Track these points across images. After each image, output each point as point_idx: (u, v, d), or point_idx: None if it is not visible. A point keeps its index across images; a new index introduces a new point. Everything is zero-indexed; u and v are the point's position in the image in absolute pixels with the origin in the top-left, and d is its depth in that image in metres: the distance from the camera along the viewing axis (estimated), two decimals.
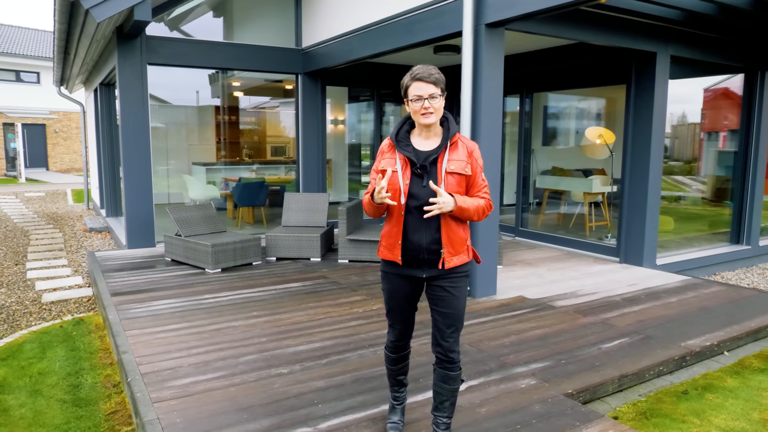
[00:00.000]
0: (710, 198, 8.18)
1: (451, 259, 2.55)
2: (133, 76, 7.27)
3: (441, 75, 2.53)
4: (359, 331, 4.39)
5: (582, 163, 8.19)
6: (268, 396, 3.28)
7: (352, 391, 3.34)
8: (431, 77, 2.47)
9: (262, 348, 4.03)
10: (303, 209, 7.51)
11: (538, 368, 3.71)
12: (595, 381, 3.54)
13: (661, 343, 4.20)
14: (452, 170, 2.52)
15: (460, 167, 2.53)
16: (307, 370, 3.65)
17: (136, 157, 7.41)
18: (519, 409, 3.16)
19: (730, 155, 8.05)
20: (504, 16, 4.85)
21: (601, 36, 5.76)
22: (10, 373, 4.15)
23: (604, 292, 5.59)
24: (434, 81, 2.47)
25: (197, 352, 3.93)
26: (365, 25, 6.73)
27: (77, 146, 25.59)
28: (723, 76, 7.71)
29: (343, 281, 5.90)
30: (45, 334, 5.03)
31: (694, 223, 7.93)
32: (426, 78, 2.47)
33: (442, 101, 2.52)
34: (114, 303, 5.07)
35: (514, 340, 4.24)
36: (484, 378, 3.56)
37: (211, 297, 5.31)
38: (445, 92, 2.53)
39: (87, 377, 4.08)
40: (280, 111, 9.77)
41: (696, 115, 7.68)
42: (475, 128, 5.16)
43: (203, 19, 8.54)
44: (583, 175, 8.58)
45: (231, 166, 9.14)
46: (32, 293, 6.43)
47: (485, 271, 5.37)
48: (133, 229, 7.50)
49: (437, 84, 2.48)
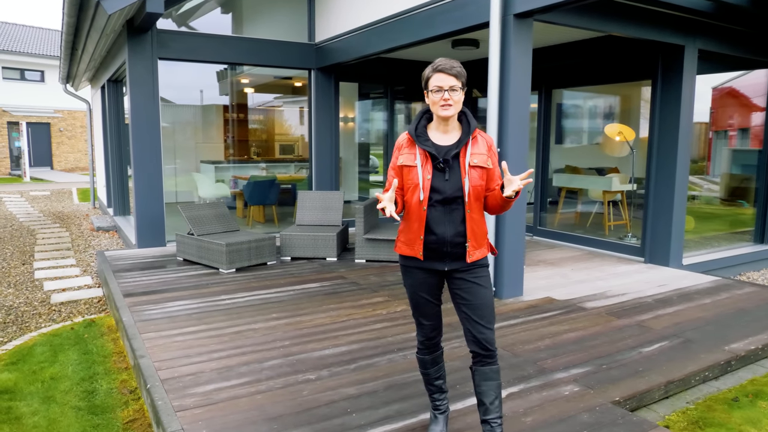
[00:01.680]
0: (723, 197, 7.98)
1: (474, 252, 2.57)
2: (143, 72, 7.09)
3: (463, 69, 2.54)
4: (385, 334, 4.19)
5: (595, 161, 8.03)
6: (298, 404, 3.08)
7: (387, 399, 3.15)
8: (453, 69, 2.49)
9: (286, 352, 3.83)
10: (317, 208, 7.32)
11: (580, 374, 3.52)
12: (642, 388, 3.35)
13: (704, 347, 3.99)
14: (475, 164, 2.54)
15: (482, 161, 2.56)
16: (335, 375, 3.46)
17: (147, 154, 7.22)
18: (566, 418, 2.96)
19: (743, 154, 7.85)
20: (534, 6, 4.65)
21: (630, 28, 5.56)
22: (22, 378, 3.96)
23: (634, 293, 5.39)
24: (455, 74, 2.48)
25: (218, 357, 3.74)
26: (383, 18, 6.54)
27: (82, 145, 25.44)
28: (732, 74, 7.50)
29: (363, 282, 5.70)
30: (56, 337, 4.84)
31: (709, 222, 7.73)
32: (448, 70, 2.48)
33: (461, 95, 2.52)
34: (127, 304, 4.88)
35: (549, 343, 4.04)
36: (523, 384, 3.36)
37: (227, 298, 5.12)
38: (465, 87, 2.54)
39: (102, 382, 3.89)
40: (288, 108, 9.60)
41: (704, 114, 7.47)
42: (502, 124, 4.97)
43: (212, 15, 8.36)
44: (597, 174, 8.41)
45: (240, 164, 8.96)
46: (41, 294, 6.25)
47: (512, 271, 5.17)
48: (144, 228, 7.32)
49: (458, 77, 2.49)
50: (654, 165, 6.51)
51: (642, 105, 7.56)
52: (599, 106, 8.03)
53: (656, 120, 6.46)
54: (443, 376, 2.80)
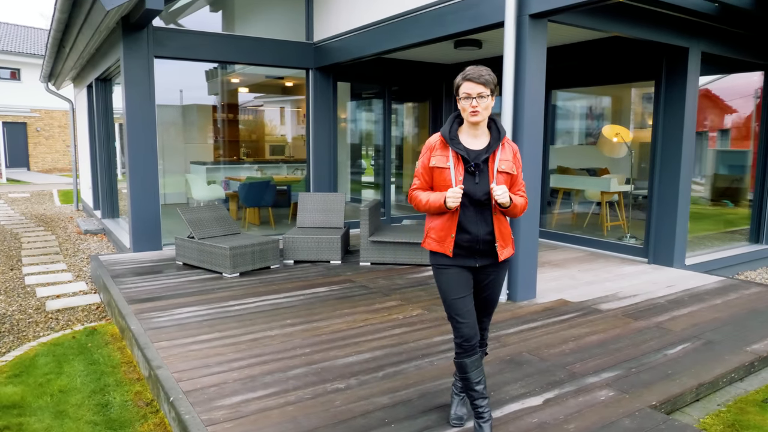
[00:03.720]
0: (708, 198, 8.07)
1: (502, 251, 2.75)
2: (139, 70, 6.88)
3: (492, 76, 2.64)
4: (406, 340, 4.10)
5: (585, 162, 8.09)
6: (332, 416, 2.98)
7: (423, 408, 3.06)
8: (481, 78, 2.60)
9: (308, 360, 3.72)
10: (318, 210, 7.19)
11: (611, 378, 3.47)
12: (675, 391, 3.32)
13: (726, 349, 3.99)
14: (503, 169, 2.70)
15: (509, 167, 2.72)
16: (364, 384, 3.36)
17: (143, 155, 7.01)
18: (608, 424, 2.91)
19: (728, 155, 7.94)
20: (550, 7, 4.61)
21: (639, 30, 5.56)
22: (29, 392, 3.77)
23: (645, 294, 5.39)
24: (483, 82, 2.60)
25: (239, 366, 3.61)
26: (390, 16, 6.44)
27: (60, 146, 24.79)
28: (709, 78, 7.59)
29: (372, 285, 5.60)
30: (57, 346, 4.64)
31: (698, 222, 7.81)
32: (476, 78, 2.60)
33: (490, 101, 2.64)
34: (133, 311, 4.71)
35: (574, 347, 4.00)
36: (558, 390, 3.30)
37: (236, 304, 4.97)
38: (494, 94, 2.65)
39: (115, 395, 3.72)
40: (276, 109, 9.46)
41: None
42: (517, 125, 4.92)
43: (202, 13, 8.14)
44: (588, 174, 8.48)
45: (230, 165, 8.79)
46: (34, 300, 6.01)
47: (526, 274, 5.13)
48: (139, 231, 7.10)
49: (486, 84, 2.60)
50: (658, 165, 6.53)
51: (632, 106, 7.67)
52: (588, 107, 8.12)
53: (660, 121, 6.48)
54: (483, 381, 2.75)
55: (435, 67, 9.25)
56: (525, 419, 2.95)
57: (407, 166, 10.15)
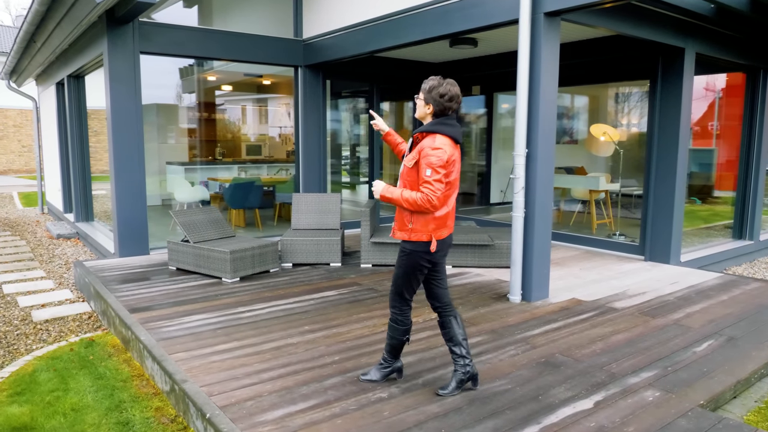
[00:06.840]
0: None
1: (395, 232, 3.29)
2: (125, 67, 6.53)
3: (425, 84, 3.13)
4: (435, 344, 3.99)
5: (563, 161, 8.25)
6: (385, 427, 2.84)
7: (476, 416, 2.96)
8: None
9: (341, 368, 3.56)
10: (314, 211, 7.00)
11: (651, 377, 3.45)
12: (717, 389, 3.32)
13: (750, 344, 4.05)
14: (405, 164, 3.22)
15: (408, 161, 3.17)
16: (407, 392, 3.23)
17: (128, 156, 6.66)
18: (666, 425, 2.87)
19: (695, 153, 8.14)
20: (565, 6, 4.58)
21: (640, 29, 5.62)
22: (38, 412, 3.48)
23: (653, 291, 5.45)
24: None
25: (270, 377, 3.42)
26: (390, 13, 6.31)
27: (15, 146, 23.56)
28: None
29: (380, 288, 5.47)
30: (56, 360, 4.33)
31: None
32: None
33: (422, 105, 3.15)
34: (138, 321, 4.43)
35: (603, 347, 3.97)
36: (604, 392, 3.25)
37: (246, 310, 4.75)
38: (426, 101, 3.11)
39: (133, 412, 3.48)
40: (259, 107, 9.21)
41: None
42: (531, 124, 4.88)
43: (178, 6, 7.80)
44: (565, 173, 8.62)
45: (207, 165, 8.53)
46: (17, 311, 5.62)
47: (539, 274, 5.10)
48: (125, 235, 6.75)
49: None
50: (654, 163, 6.63)
51: (609, 105, 7.83)
52: (564, 107, 8.26)
53: (656, 119, 6.58)
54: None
55: (423, 65, 9.17)
56: (582, 423, 2.88)
57: (393, 167, 10.04)
